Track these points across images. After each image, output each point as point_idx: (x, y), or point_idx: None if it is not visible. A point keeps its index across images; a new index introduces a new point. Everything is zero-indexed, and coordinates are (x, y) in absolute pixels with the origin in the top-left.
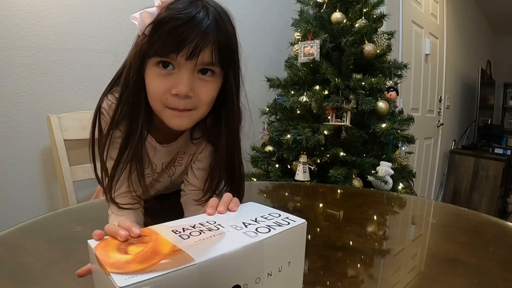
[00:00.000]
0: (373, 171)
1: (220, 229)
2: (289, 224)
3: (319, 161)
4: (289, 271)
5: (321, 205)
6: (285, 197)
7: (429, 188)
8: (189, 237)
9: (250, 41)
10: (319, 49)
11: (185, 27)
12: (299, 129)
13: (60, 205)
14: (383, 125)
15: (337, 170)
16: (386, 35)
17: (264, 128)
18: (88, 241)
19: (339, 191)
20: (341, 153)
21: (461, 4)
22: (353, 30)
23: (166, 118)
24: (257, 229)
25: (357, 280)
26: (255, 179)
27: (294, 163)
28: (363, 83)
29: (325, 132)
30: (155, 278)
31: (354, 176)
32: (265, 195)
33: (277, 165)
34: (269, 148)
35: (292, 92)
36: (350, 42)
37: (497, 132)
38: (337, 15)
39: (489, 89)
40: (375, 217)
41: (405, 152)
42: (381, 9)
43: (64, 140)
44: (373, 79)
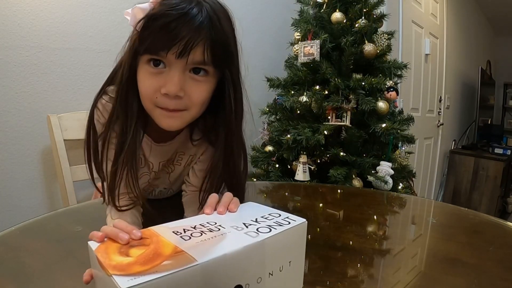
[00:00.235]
0: (373, 171)
1: (221, 229)
2: (289, 223)
3: (319, 161)
4: (290, 270)
5: (321, 205)
6: (285, 197)
7: (429, 188)
8: (190, 238)
9: (250, 41)
10: (319, 49)
11: (176, 23)
12: (299, 129)
13: (60, 205)
14: (383, 125)
15: (337, 170)
16: (386, 35)
17: (264, 128)
18: (88, 243)
19: (339, 191)
20: (341, 153)
21: (461, 4)
22: (353, 30)
23: (157, 117)
24: (258, 229)
25: (357, 280)
26: (255, 179)
27: (294, 163)
28: (363, 83)
29: (325, 132)
30: (158, 279)
31: (354, 176)
32: (265, 195)
33: (277, 165)
34: (269, 148)
35: (292, 92)
36: (350, 42)
37: (497, 132)
38: (337, 15)
39: (489, 89)
40: (375, 217)
41: (405, 152)
42: (381, 9)
43: (64, 140)
44: (373, 79)
